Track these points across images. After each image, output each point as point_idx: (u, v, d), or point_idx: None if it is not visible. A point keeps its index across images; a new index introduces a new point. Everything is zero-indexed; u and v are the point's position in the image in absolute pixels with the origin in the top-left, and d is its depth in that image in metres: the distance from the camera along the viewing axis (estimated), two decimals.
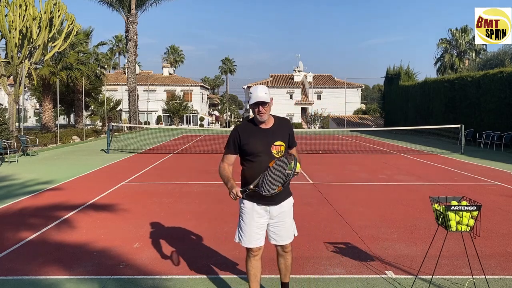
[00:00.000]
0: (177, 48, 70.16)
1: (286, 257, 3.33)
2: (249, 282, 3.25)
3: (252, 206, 3.13)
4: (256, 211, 3.13)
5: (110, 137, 16.66)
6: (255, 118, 3.10)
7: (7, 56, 17.04)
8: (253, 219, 3.13)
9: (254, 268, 3.21)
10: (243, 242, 3.16)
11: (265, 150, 3.05)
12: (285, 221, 3.20)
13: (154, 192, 8.25)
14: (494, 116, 19.20)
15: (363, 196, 7.87)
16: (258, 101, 3.00)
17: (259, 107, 3.02)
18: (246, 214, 3.15)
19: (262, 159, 3.04)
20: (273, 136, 3.09)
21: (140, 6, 36.35)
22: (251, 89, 3.06)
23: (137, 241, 5.09)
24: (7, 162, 12.88)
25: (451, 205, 3.33)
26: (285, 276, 3.42)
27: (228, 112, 66.82)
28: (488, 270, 4.12)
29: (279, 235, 3.21)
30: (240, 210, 3.22)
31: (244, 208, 3.16)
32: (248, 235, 3.14)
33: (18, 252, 4.71)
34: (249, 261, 3.22)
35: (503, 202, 7.37)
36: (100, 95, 31.63)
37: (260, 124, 3.10)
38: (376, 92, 70.06)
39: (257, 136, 3.06)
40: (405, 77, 32.68)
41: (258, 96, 3.00)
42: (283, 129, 3.16)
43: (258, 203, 3.12)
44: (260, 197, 3.04)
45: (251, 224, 3.14)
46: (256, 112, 3.05)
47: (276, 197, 3.06)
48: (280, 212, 3.17)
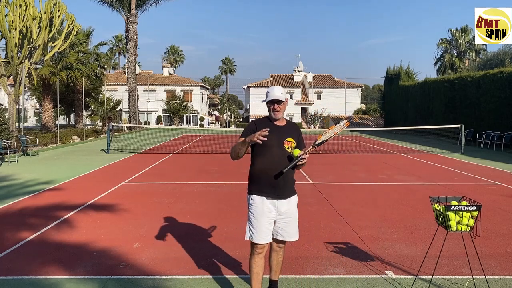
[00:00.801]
0: (177, 48, 70.16)
1: (280, 253, 3.41)
2: (251, 281, 3.28)
3: (262, 200, 3.22)
4: (266, 205, 3.22)
5: (110, 137, 16.65)
6: (270, 115, 3.30)
7: (7, 56, 17.04)
8: (264, 213, 3.21)
9: (258, 266, 3.25)
10: (254, 238, 3.21)
11: (278, 143, 3.22)
12: (292, 218, 3.31)
13: (154, 192, 8.25)
14: (494, 116, 19.20)
15: (363, 196, 7.87)
16: (274, 99, 3.21)
17: (274, 105, 3.23)
18: (256, 209, 3.23)
19: (275, 152, 3.20)
20: (286, 133, 3.28)
21: (140, 6, 36.36)
22: (269, 89, 3.27)
23: (137, 241, 5.09)
24: (7, 162, 12.88)
25: (451, 205, 3.33)
26: (275, 273, 3.49)
27: (228, 112, 66.82)
28: (488, 270, 4.12)
29: (287, 231, 3.29)
30: (249, 207, 3.29)
31: (254, 203, 3.25)
32: (260, 231, 3.20)
33: (18, 252, 4.71)
34: (253, 258, 3.26)
35: (503, 202, 7.37)
36: (100, 95, 31.64)
37: (275, 121, 3.29)
38: (376, 92, 70.07)
39: (272, 130, 3.17)
40: (405, 77, 32.69)
41: (274, 95, 3.21)
42: (294, 131, 3.38)
43: (267, 197, 3.22)
44: (269, 192, 3.20)
45: (262, 218, 3.21)
46: (272, 109, 3.25)
47: (284, 191, 3.24)
48: (288, 207, 3.28)
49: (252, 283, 3.28)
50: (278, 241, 3.34)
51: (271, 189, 3.19)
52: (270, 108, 3.26)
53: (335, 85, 53.62)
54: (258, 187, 3.23)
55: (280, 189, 3.21)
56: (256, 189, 3.24)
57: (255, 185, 3.26)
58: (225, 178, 9.97)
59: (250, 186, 3.31)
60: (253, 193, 3.25)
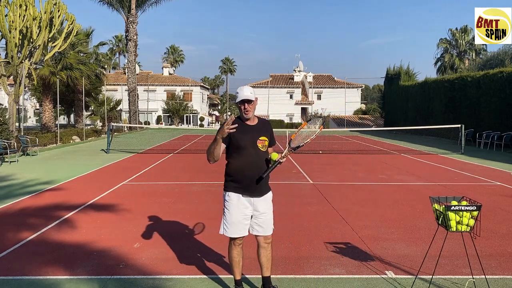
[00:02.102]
0: (177, 48, 70.16)
1: (268, 249, 3.50)
2: (233, 269, 3.50)
3: (238, 197, 3.37)
4: (241, 202, 3.36)
5: (110, 137, 16.66)
6: (241, 115, 3.37)
7: (7, 56, 17.04)
8: (239, 210, 3.36)
9: (238, 255, 3.46)
10: (228, 233, 3.38)
11: (252, 144, 3.34)
12: (268, 213, 3.45)
13: (154, 192, 8.25)
14: (494, 116, 19.20)
15: (363, 196, 7.87)
16: (244, 99, 3.28)
17: (245, 104, 3.30)
18: (232, 205, 3.37)
19: (249, 152, 3.33)
20: (258, 132, 3.39)
21: (140, 6, 36.34)
22: (238, 89, 3.37)
23: (137, 241, 5.09)
24: (7, 162, 12.88)
25: (451, 205, 3.33)
26: (267, 270, 3.53)
27: (228, 112, 66.78)
28: (488, 270, 4.11)
29: (263, 227, 3.43)
30: (224, 203, 3.43)
31: (230, 200, 3.38)
32: (234, 226, 3.36)
33: (18, 252, 4.71)
34: (233, 249, 3.45)
35: (503, 202, 7.37)
36: (100, 95, 31.63)
37: (246, 121, 3.37)
38: (376, 92, 70.07)
39: (245, 131, 3.31)
40: (405, 77, 32.68)
41: (244, 95, 3.28)
42: (266, 128, 3.47)
43: (243, 195, 3.36)
44: (245, 189, 3.34)
45: (237, 214, 3.36)
46: (242, 109, 3.33)
47: (260, 189, 3.37)
48: (264, 204, 3.42)
49: (235, 271, 3.50)
50: (264, 237, 3.46)
51: (246, 187, 3.33)
52: (240, 108, 3.33)
53: (335, 85, 53.61)
54: (234, 185, 3.37)
55: (255, 187, 3.35)
56: (232, 186, 3.37)
57: (231, 183, 3.38)
58: None
59: (226, 183, 3.44)
60: (229, 190, 3.39)
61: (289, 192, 8.09)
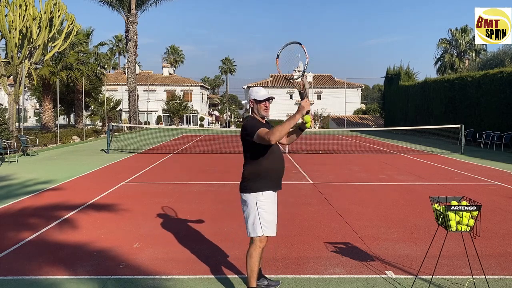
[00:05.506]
0: (177, 48, 70.19)
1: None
2: (254, 275, 3.32)
3: (274, 195, 3.41)
4: (275, 198, 3.44)
5: (110, 137, 16.65)
6: (261, 114, 3.38)
7: (7, 56, 17.04)
8: (275, 206, 3.41)
9: (259, 260, 3.37)
10: (269, 232, 3.32)
11: None
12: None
13: (154, 192, 8.25)
14: (494, 116, 19.21)
15: (363, 196, 7.87)
16: (270, 97, 3.36)
17: (266, 102, 3.37)
18: (269, 203, 3.35)
19: (275, 147, 3.40)
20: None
21: (140, 6, 36.34)
22: (258, 88, 3.39)
23: (137, 241, 5.09)
24: (7, 162, 12.88)
25: (451, 205, 3.33)
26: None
27: (228, 112, 66.78)
28: (488, 270, 4.11)
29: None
30: (258, 204, 3.32)
31: (266, 199, 3.33)
32: (273, 224, 3.35)
33: (18, 252, 4.71)
34: (258, 254, 3.32)
35: (503, 202, 7.37)
36: (100, 95, 31.63)
37: (264, 119, 3.43)
38: (376, 92, 70.03)
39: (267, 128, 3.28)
40: (405, 77, 32.67)
41: (268, 93, 3.38)
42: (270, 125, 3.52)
43: (274, 190, 3.41)
44: (277, 185, 3.40)
45: (275, 211, 3.40)
46: (264, 107, 3.37)
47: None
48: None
49: (252, 281, 3.32)
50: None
51: (278, 182, 3.41)
52: (261, 107, 3.36)
53: (335, 85, 53.62)
54: (269, 184, 3.35)
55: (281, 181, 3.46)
56: (266, 185, 3.34)
57: (265, 182, 3.33)
58: (225, 178, 9.97)
59: (257, 184, 3.32)
60: (263, 189, 3.32)
61: (289, 192, 8.09)
